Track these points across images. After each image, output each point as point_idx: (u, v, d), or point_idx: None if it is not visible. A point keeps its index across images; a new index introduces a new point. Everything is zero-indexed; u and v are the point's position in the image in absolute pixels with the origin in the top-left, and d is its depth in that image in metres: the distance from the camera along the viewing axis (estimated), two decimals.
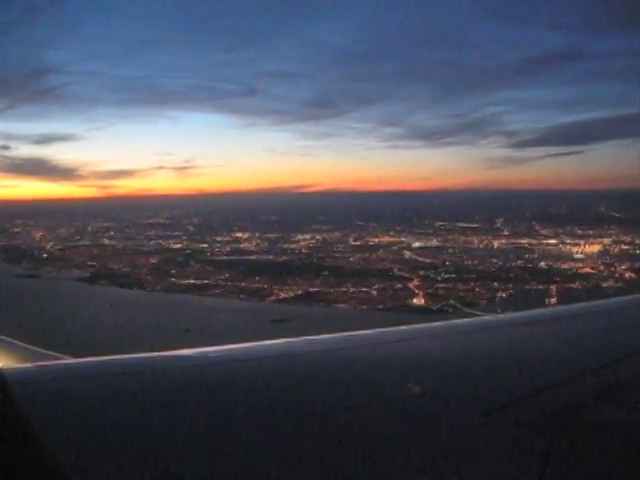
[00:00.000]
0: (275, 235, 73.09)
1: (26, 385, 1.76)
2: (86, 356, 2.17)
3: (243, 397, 1.78)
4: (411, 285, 47.49)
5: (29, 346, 3.04)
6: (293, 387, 1.89)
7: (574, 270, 51.70)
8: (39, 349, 2.99)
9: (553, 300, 40.36)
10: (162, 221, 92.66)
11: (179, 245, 68.84)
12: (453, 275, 50.31)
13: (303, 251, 63.83)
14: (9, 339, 3.15)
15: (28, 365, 2.37)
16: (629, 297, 3.54)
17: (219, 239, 71.91)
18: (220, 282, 50.40)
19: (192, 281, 51.06)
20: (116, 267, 56.72)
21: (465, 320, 3.16)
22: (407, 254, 60.87)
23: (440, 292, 45.59)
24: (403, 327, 2.71)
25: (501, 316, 3.79)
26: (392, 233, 74.02)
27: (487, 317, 4.89)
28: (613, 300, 3.73)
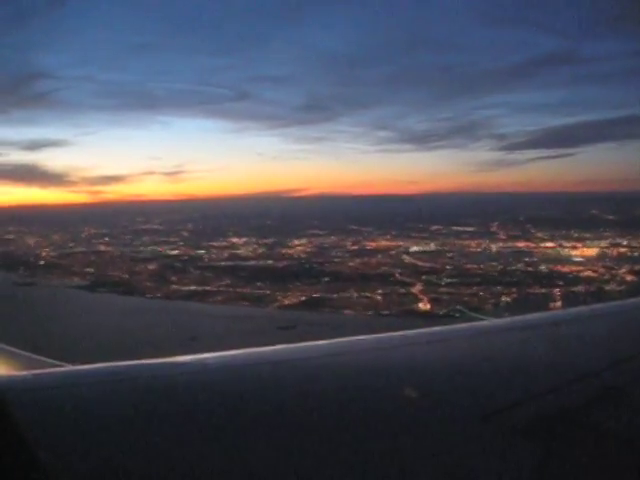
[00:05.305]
0: (271, 240, 73.04)
1: (23, 393, 1.72)
2: (91, 364, 2.08)
3: (249, 403, 1.75)
4: (414, 290, 47.58)
5: (28, 354, 2.97)
6: (295, 391, 1.88)
7: (575, 273, 52.07)
8: (39, 357, 2.91)
9: (558, 304, 40.56)
10: (156, 227, 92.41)
11: (176, 251, 68.65)
12: (455, 280, 50.44)
13: (301, 256, 63.82)
14: (8, 347, 3.06)
15: (25, 373, 2.32)
16: (628, 300, 3.48)
17: (215, 244, 71.79)
18: (221, 288, 50.31)
19: (193, 288, 50.91)
20: (115, 274, 56.49)
21: (463, 324, 3.09)
22: (406, 258, 61.03)
23: (444, 297, 45.68)
24: (399, 332, 2.63)
25: (499, 320, 3.77)
26: (388, 237, 74.20)
27: (485, 321, 4.87)
28: (612, 303, 3.71)
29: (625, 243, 63.68)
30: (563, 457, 1.54)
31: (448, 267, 55.52)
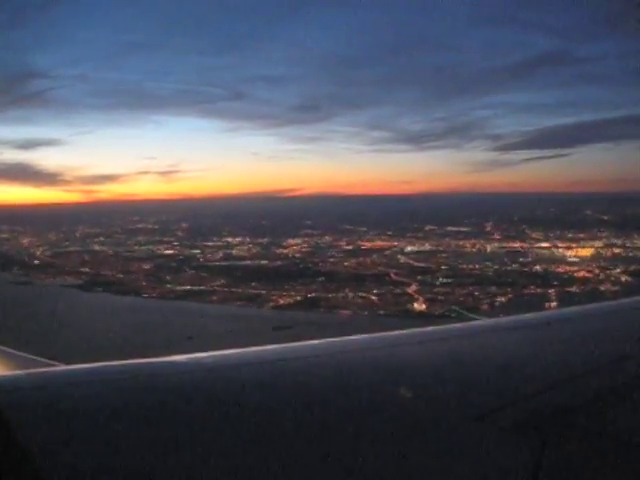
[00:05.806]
0: (266, 240, 72.98)
1: (17, 392, 1.73)
2: (86, 363, 2.08)
3: (245, 402, 1.76)
4: (410, 290, 47.54)
5: (23, 353, 2.99)
6: (290, 391, 1.89)
7: (570, 274, 52.14)
8: (33, 356, 2.92)
9: (553, 304, 40.57)
10: (150, 226, 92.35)
11: (171, 251, 68.56)
12: (451, 280, 50.45)
13: (296, 256, 63.78)
14: (1, 347, 3.09)
15: (19, 372, 2.32)
16: (624, 300, 3.54)
17: (210, 244, 71.72)
18: (216, 288, 50.17)
19: (188, 287, 50.76)
20: (110, 273, 56.30)
21: (458, 324, 3.11)
22: (401, 258, 61.05)
23: (440, 297, 45.61)
24: (394, 332, 2.67)
25: (494, 320, 3.78)
26: (383, 237, 74.25)
27: (480, 321, 4.89)
28: (606, 304, 3.76)
29: (620, 243, 63.82)
30: (557, 456, 1.54)
31: (443, 267, 55.57)
